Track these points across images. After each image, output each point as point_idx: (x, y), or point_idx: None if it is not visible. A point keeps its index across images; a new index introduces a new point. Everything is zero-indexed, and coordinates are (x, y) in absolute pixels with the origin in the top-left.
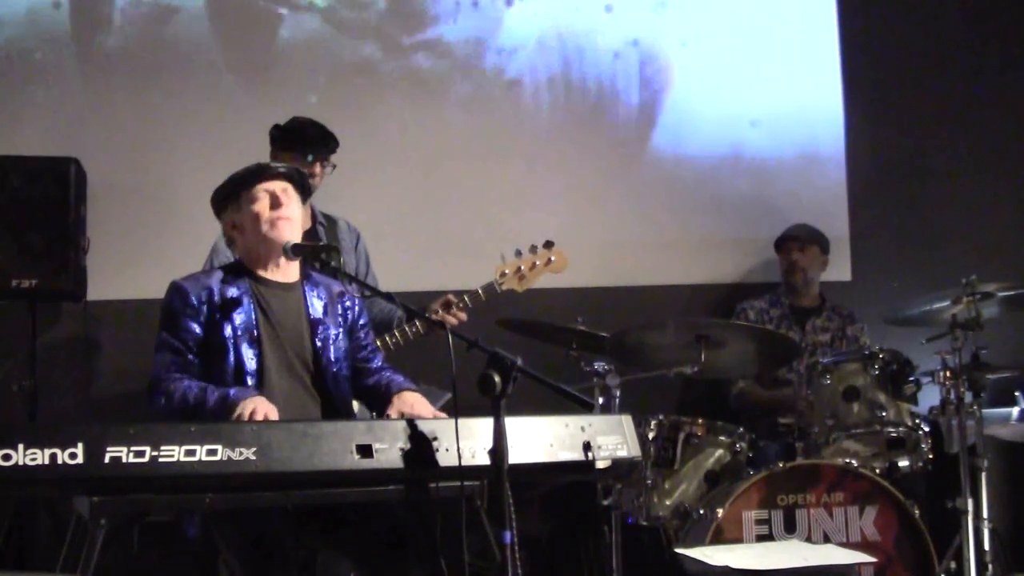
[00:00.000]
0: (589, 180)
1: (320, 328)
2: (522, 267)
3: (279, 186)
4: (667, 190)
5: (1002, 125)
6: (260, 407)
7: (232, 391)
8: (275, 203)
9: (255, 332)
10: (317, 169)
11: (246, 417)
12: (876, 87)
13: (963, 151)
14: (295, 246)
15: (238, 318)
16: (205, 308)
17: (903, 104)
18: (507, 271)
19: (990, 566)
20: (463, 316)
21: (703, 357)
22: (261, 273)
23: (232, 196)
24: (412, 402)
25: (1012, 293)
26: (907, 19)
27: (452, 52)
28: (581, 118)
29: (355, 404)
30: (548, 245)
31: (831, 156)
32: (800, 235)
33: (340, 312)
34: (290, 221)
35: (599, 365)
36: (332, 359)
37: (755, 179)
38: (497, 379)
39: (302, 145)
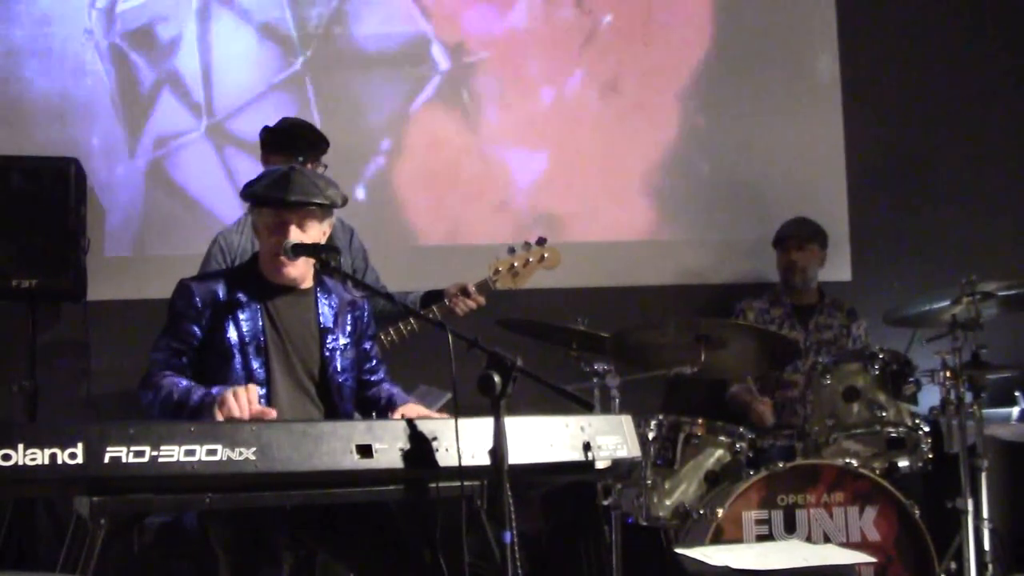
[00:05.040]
0: (589, 179)
1: (329, 338)
2: (515, 264)
3: (297, 219)
4: (667, 191)
5: (1002, 125)
6: (239, 389)
7: (216, 388)
8: (283, 238)
9: (261, 340)
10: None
11: (230, 400)
12: (876, 87)
13: (963, 151)
14: (295, 246)
15: (244, 325)
16: (209, 312)
17: (903, 104)
18: (501, 268)
19: (990, 566)
20: (481, 300)
21: (703, 357)
22: (272, 278)
23: (255, 201)
24: (417, 411)
25: (1012, 293)
26: (907, 18)
27: (450, 48)
28: (580, 117)
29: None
30: (541, 242)
31: (831, 156)
32: (798, 233)
33: (350, 321)
34: (292, 265)
35: (599, 365)
36: (339, 369)
37: (755, 179)
38: (497, 379)
39: (293, 147)
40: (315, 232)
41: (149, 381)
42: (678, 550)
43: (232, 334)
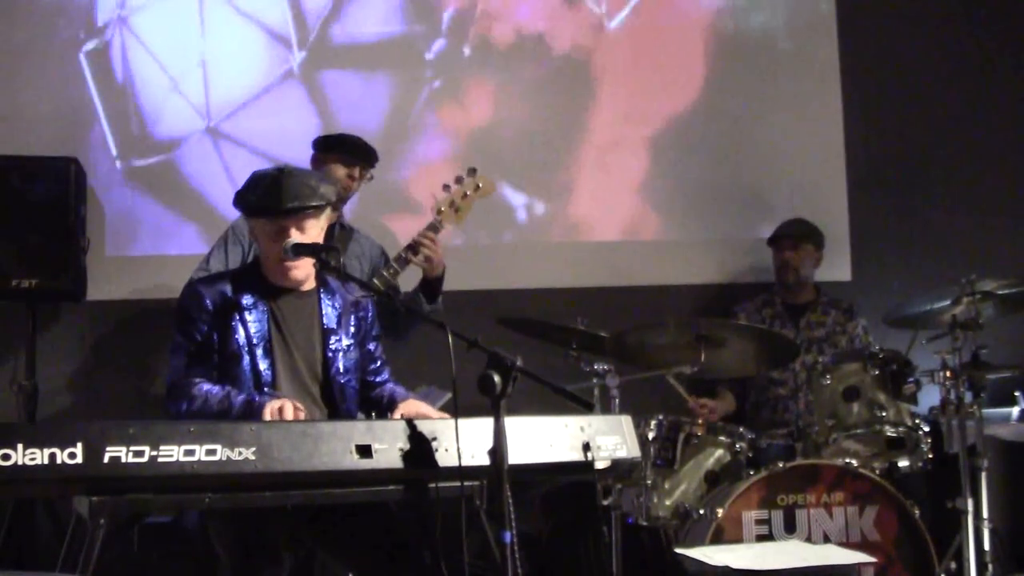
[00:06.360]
0: (589, 180)
1: (332, 338)
2: (455, 200)
3: (296, 224)
4: (667, 190)
5: (1002, 125)
6: (288, 405)
7: (255, 396)
8: (284, 239)
9: (268, 341)
10: (357, 173)
11: (276, 411)
12: (876, 87)
13: (963, 151)
14: (295, 246)
15: (252, 326)
16: (218, 313)
17: (903, 104)
18: (443, 208)
19: (990, 566)
20: (433, 236)
21: (703, 357)
22: (277, 282)
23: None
24: (418, 407)
25: (1012, 293)
26: (907, 18)
27: (449, 48)
28: (580, 117)
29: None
30: (471, 172)
31: (831, 156)
32: (792, 232)
33: (354, 322)
34: (297, 268)
35: (599, 365)
36: (341, 370)
37: (755, 179)
38: (497, 379)
39: (352, 153)
40: (314, 231)
41: (179, 391)
42: (678, 550)
43: (240, 335)
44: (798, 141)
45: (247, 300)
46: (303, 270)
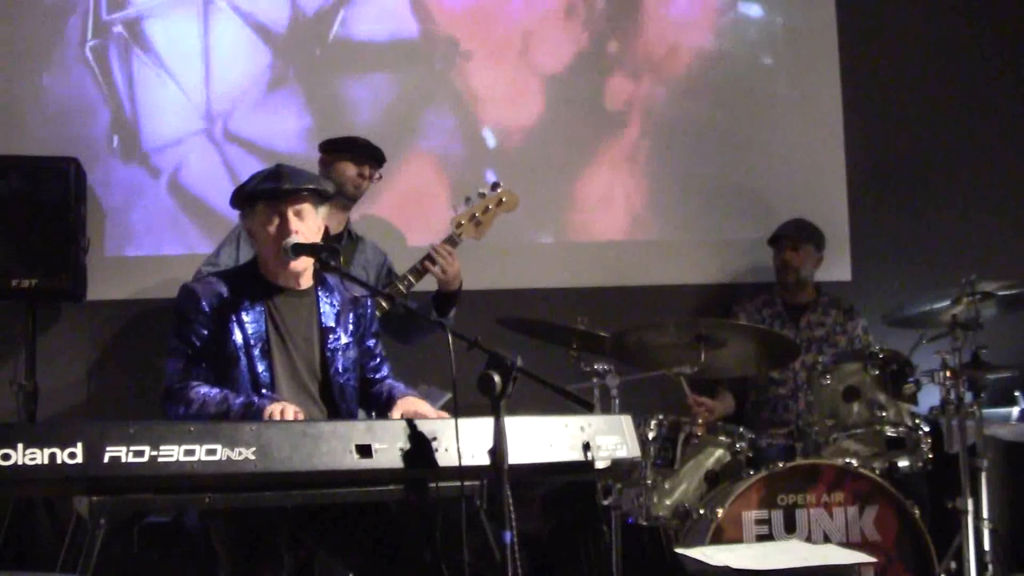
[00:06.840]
0: (589, 180)
1: (331, 337)
2: (476, 213)
3: (293, 208)
4: (667, 190)
5: (1001, 125)
6: (288, 408)
7: (255, 398)
8: (285, 230)
9: (265, 342)
10: (367, 172)
11: (276, 413)
12: (876, 87)
13: (963, 151)
14: (295, 246)
15: (249, 327)
16: (216, 315)
17: (903, 104)
18: (463, 221)
19: (990, 566)
20: (452, 249)
21: (703, 357)
22: (274, 280)
23: (247, 203)
24: (416, 405)
25: (1012, 293)
26: (907, 19)
27: (449, 48)
28: (580, 118)
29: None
30: (495, 187)
31: (831, 156)
32: (793, 233)
33: (352, 319)
34: (296, 259)
35: (599, 365)
36: (340, 369)
37: (755, 179)
38: (497, 379)
39: (361, 153)
40: (312, 224)
41: (176, 394)
42: (678, 550)
43: (237, 337)
44: (798, 141)
45: (244, 300)
46: (303, 262)
